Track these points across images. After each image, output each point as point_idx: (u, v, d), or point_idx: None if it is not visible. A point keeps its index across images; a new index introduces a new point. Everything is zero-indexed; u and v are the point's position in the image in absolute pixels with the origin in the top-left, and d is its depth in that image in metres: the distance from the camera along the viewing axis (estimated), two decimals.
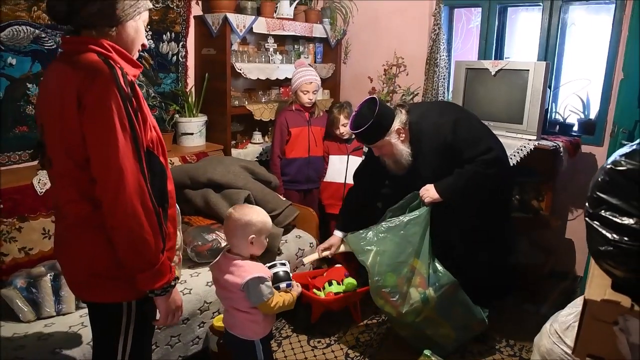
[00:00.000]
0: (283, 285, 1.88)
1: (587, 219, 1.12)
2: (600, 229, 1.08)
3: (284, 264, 1.95)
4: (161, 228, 1.31)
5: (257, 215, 1.81)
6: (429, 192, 2.33)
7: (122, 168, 1.21)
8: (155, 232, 1.28)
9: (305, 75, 3.20)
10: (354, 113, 2.38)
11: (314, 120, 3.33)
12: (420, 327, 2.34)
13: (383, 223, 2.39)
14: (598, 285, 1.13)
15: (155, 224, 1.28)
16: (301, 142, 3.28)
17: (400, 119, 2.35)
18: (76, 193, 1.29)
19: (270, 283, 1.80)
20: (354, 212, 2.70)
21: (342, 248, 2.69)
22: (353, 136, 3.29)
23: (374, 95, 2.41)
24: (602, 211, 1.08)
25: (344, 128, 3.21)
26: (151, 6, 1.40)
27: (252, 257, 1.84)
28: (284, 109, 3.36)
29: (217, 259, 1.88)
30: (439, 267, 2.31)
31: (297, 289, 1.93)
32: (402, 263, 2.30)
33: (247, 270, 1.76)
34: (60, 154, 1.28)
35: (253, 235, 1.78)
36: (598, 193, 1.09)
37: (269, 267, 1.92)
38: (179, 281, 2.30)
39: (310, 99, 3.24)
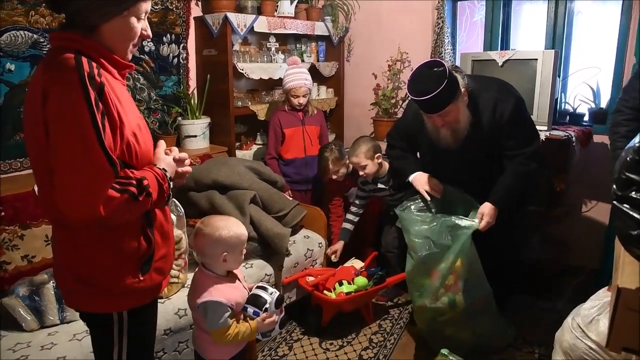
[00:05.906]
0: (250, 311, 1.67)
1: (615, 202, 1.05)
2: (630, 212, 1.01)
3: (271, 294, 1.72)
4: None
5: (227, 230, 1.61)
6: (488, 217, 2.15)
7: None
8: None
9: (294, 80, 3.14)
10: (410, 78, 2.04)
11: (308, 120, 3.27)
12: (440, 327, 2.26)
13: (439, 214, 2.25)
14: (630, 273, 1.06)
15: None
16: (296, 142, 3.23)
17: (461, 81, 2.05)
18: (44, 199, 1.24)
19: (228, 313, 1.60)
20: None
21: None
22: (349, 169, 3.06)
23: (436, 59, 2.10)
24: (633, 192, 1.01)
25: (335, 176, 3.03)
26: None
27: (230, 273, 1.69)
28: (276, 109, 3.30)
29: (195, 270, 1.72)
30: (480, 274, 2.18)
31: (261, 323, 1.67)
32: (441, 260, 2.16)
33: (210, 291, 1.59)
34: (32, 157, 1.23)
35: (226, 253, 1.60)
36: (627, 173, 1.02)
37: (257, 287, 1.74)
38: (185, 286, 2.25)
39: (301, 103, 3.18)
